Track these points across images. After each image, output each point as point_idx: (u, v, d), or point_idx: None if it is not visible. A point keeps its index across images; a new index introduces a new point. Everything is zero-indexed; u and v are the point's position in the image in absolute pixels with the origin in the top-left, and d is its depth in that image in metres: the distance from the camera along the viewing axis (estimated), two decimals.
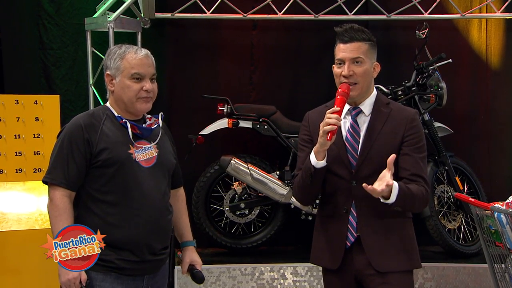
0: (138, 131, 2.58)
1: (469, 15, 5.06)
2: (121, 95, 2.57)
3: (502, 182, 5.21)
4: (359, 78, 2.58)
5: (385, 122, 2.61)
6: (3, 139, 3.99)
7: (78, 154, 2.48)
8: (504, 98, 5.26)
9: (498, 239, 3.23)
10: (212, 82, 5.01)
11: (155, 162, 2.59)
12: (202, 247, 4.90)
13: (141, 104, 2.58)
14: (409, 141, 2.59)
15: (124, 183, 2.50)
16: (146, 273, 2.58)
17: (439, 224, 4.57)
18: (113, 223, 2.49)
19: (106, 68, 2.61)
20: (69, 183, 2.48)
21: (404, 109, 2.68)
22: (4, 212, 4.04)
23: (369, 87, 2.65)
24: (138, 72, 2.56)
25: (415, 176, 2.57)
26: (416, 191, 2.54)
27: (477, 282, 4.37)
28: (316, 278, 4.34)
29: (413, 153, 2.58)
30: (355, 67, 2.58)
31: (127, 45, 2.63)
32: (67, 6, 4.83)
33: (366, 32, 2.62)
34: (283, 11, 4.83)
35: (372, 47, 2.63)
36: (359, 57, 2.57)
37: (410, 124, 2.61)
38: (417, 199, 2.55)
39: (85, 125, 2.52)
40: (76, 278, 2.42)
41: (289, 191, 4.43)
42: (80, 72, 4.82)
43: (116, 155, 2.50)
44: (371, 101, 2.65)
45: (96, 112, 2.61)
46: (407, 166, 2.58)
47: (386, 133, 2.60)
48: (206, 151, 4.85)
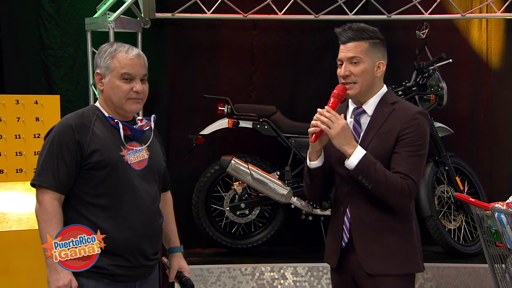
0: (130, 133, 2.52)
1: (469, 15, 5.06)
2: (110, 95, 2.49)
3: (502, 182, 5.21)
4: (357, 78, 2.57)
5: (384, 123, 2.57)
6: (3, 139, 3.99)
7: (68, 155, 2.40)
8: (504, 98, 5.26)
9: (499, 239, 3.23)
10: (212, 82, 5.01)
11: (146, 164, 2.53)
12: (202, 247, 4.91)
13: (131, 105, 2.50)
14: (402, 140, 2.53)
15: (116, 186, 2.44)
16: (138, 279, 2.53)
17: (439, 224, 4.57)
18: (105, 227, 2.40)
19: (96, 66, 2.54)
20: (59, 186, 2.41)
21: (407, 108, 2.61)
22: (4, 212, 4.04)
23: (371, 87, 2.61)
24: (128, 73, 2.47)
25: (399, 173, 2.50)
26: (392, 178, 2.48)
27: (478, 282, 4.37)
28: (316, 278, 4.34)
29: (403, 151, 2.52)
30: (352, 67, 2.58)
31: (118, 43, 2.55)
32: (67, 6, 4.83)
33: (367, 31, 2.60)
34: (283, 11, 4.83)
35: (374, 45, 2.60)
36: (355, 57, 2.57)
37: (407, 123, 2.54)
38: (390, 186, 2.47)
39: (76, 125, 2.44)
40: (67, 285, 2.35)
41: (289, 191, 4.43)
42: (81, 72, 4.82)
43: (108, 157, 2.43)
44: (375, 101, 2.62)
45: (85, 112, 2.53)
46: (394, 164, 2.52)
47: (383, 134, 2.56)
48: (206, 151, 4.85)
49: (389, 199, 2.52)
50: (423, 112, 2.60)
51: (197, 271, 4.29)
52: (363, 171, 2.47)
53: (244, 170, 4.40)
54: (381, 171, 2.47)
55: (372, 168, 2.47)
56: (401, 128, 2.53)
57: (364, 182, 2.49)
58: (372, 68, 2.60)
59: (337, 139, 2.48)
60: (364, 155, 2.48)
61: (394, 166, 2.51)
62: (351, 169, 2.50)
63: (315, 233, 4.63)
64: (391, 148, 2.54)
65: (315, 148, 2.58)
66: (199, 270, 4.30)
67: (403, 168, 2.50)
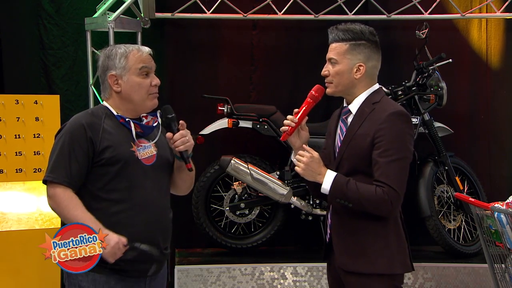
0: (140, 130, 2.58)
1: (469, 15, 5.06)
2: (130, 93, 2.56)
3: (502, 182, 5.21)
4: (333, 78, 2.65)
5: (362, 124, 2.58)
6: (3, 139, 3.99)
7: (81, 152, 2.46)
8: (504, 98, 5.26)
9: (498, 239, 3.23)
10: (212, 82, 5.01)
11: (155, 160, 2.59)
12: (202, 247, 4.91)
13: (152, 100, 2.61)
14: (378, 143, 2.51)
15: (127, 181, 2.50)
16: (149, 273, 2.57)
17: (439, 224, 4.57)
18: (118, 221, 2.45)
19: (109, 69, 2.58)
20: (71, 181, 2.45)
21: (384, 108, 2.57)
22: (4, 212, 4.04)
23: (350, 88, 2.64)
24: (146, 65, 2.58)
25: (378, 182, 2.49)
26: (365, 191, 2.48)
27: (477, 282, 4.37)
28: (316, 278, 4.34)
29: (380, 157, 2.50)
30: (331, 66, 2.65)
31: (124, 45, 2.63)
32: (67, 6, 4.82)
33: (351, 32, 2.61)
34: (283, 11, 4.83)
35: (355, 47, 2.61)
36: (332, 58, 2.64)
37: (379, 125, 2.52)
38: (366, 199, 2.48)
39: (87, 123, 2.50)
40: (118, 242, 2.36)
41: (289, 191, 4.43)
42: (80, 72, 4.82)
43: (120, 153, 2.49)
44: (359, 101, 2.64)
45: (95, 111, 2.61)
46: (374, 171, 2.51)
47: (360, 135, 2.57)
48: (206, 151, 4.85)
49: (372, 211, 2.53)
50: (399, 113, 2.55)
51: (197, 271, 4.29)
52: (338, 194, 2.53)
53: (244, 170, 4.40)
54: (353, 188, 2.50)
55: (345, 188, 2.50)
56: (375, 130, 2.52)
57: (343, 203, 2.53)
58: (349, 70, 2.62)
59: (306, 175, 2.58)
60: (334, 178, 2.53)
61: (374, 174, 2.51)
62: (327, 195, 2.55)
63: (315, 233, 4.63)
64: (367, 149, 2.53)
65: (295, 147, 2.68)
66: (199, 270, 4.30)
67: (381, 176, 2.49)
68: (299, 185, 4.54)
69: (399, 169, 2.51)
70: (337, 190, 2.52)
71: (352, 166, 2.58)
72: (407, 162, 2.55)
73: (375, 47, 2.67)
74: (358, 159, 2.55)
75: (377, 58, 2.68)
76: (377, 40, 2.69)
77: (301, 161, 2.56)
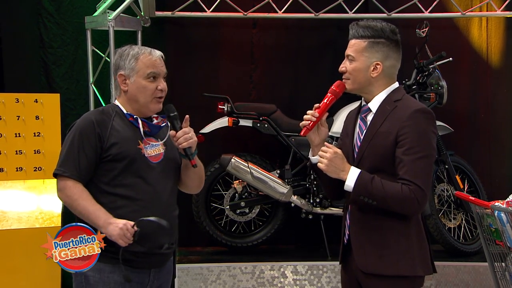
0: (147, 128, 2.64)
1: (469, 14, 5.06)
2: (136, 94, 2.63)
3: (502, 181, 5.21)
4: (350, 75, 2.59)
5: (384, 122, 2.52)
6: (3, 138, 4.00)
7: (89, 148, 2.55)
8: (504, 96, 5.26)
9: (498, 237, 3.23)
10: (212, 81, 5.01)
11: (162, 158, 2.65)
12: (202, 246, 4.91)
13: (155, 104, 2.65)
14: (402, 141, 2.46)
15: (133, 177, 2.57)
16: (154, 267, 2.62)
17: (439, 222, 4.57)
18: (123, 215, 2.51)
19: (119, 68, 2.65)
20: (80, 175, 2.54)
21: (407, 106, 2.52)
22: (4, 210, 4.04)
23: (367, 86, 2.58)
24: (154, 71, 2.62)
25: (403, 180, 2.44)
26: (391, 188, 2.44)
27: (477, 281, 4.37)
28: (316, 276, 4.34)
29: (404, 155, 2.45)
30: (348, 63, 2.60)
31: (138, 46, 2.71)
32: (67, 4, 4.82)
33: (371, 29, 2.57)
34: (283, 10, 4.83)
35: (373, 45, 2.56)
36: (350, 55, 2.59)
37: (403, 123, 2.46)
38: (392, 197, 2.43)
39: (97, 121, 2.59)
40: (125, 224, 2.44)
41: (289, 190, 4.43)
42: (80, 70, 4.82)
43: (126, 149, 2.57)
44: (380, 99, 2.58)
45: (106, 109, 2.69)
46: (398, 169, 2.46)
47: (382, 133, 2.51)
48: (206, 149, 4.83)
49: (397, 210, 2.48)
50: (423, 110, 2.51)
51: (197, 270, 4.30)
52: (362, 191, 2.46)
53: (244, 169, 4.40)
54: (378, 185, 2.44)
55: (370, 186, 2.44)
56: (399, 128, 2.47)
57: (367, 201, 2.47)
58: (365, 68, 2.56)
59: (329, 171, 2.50)
60: (359, 175, 2.47)
61: (398, 172, 2.46)
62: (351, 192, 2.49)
63: (315, 231, 4.64)
64: (390, 148, 2.48)
65: (314, 143, 2.61)
66: (199, 269, 4.31)
67: (406, 174, 2.43)
68: (299, 183, 4.54)
69: (425, 167, 2.46)
70: (362, 187, 2.45)
71: (373, 164, 2.51)
72: (432, 160, 2.52)
73: (395, 45, 2.62)
74: (379, 158, 2.49)
75: (396, 57, 2.63)
76: (398, 39, 2.64)
77: (325, 157, 2.50)
